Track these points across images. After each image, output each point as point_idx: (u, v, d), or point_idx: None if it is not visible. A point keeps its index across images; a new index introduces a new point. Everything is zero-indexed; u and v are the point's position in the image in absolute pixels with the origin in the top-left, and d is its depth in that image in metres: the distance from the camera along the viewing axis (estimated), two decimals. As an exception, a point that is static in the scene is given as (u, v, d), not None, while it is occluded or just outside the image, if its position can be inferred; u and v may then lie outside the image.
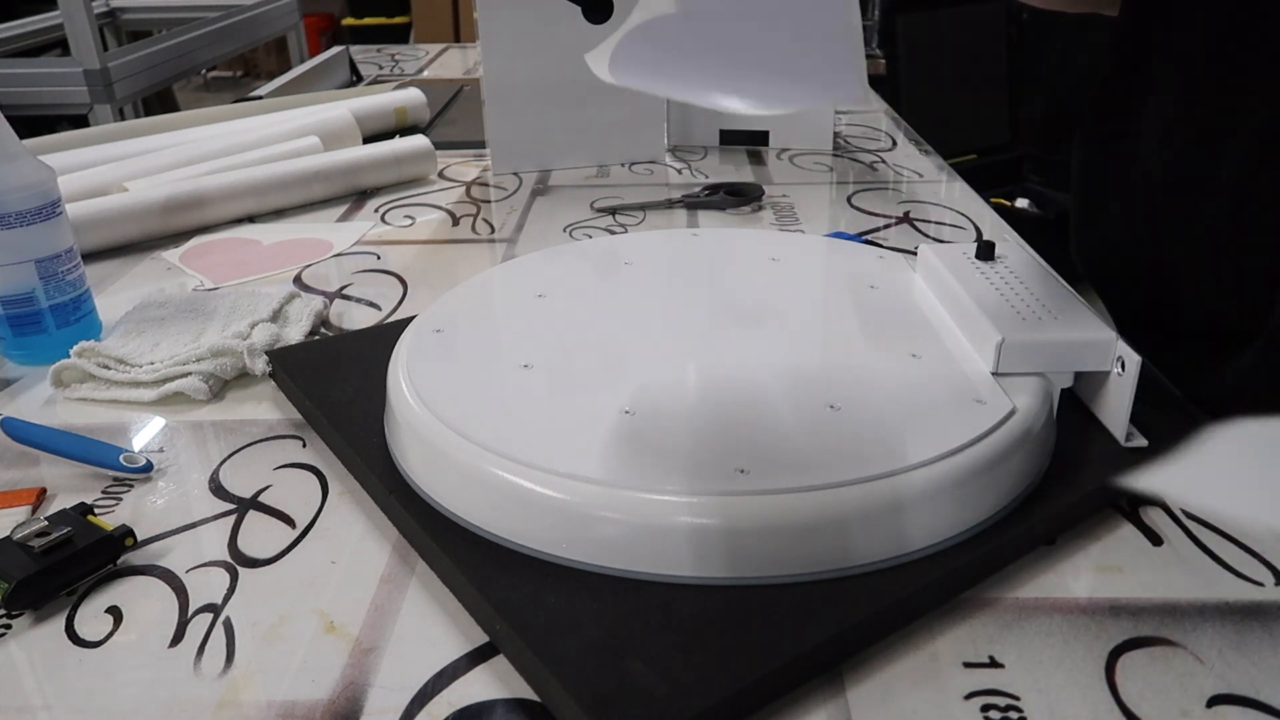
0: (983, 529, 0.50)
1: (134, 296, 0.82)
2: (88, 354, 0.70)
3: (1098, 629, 0.46)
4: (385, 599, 0.49)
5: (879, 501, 0.47)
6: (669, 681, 0.40)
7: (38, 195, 0.69)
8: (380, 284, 0.87)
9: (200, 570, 0.51)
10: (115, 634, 0.47)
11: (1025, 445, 0.52)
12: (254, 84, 2.89)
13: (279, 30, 2.44)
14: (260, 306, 0.78)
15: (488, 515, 0.50)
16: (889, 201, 1.06)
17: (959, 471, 0.49)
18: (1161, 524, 0.54)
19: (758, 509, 0.46)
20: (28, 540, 0.49)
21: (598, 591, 0.46)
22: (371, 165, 1.11)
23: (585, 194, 1.10)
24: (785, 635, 0.43)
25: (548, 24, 1.10)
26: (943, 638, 0.46)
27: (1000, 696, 0.43)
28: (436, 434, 0.53)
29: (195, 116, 1.25)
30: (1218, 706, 0.42)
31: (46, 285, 0.71)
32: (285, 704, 0.43)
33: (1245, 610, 0.47)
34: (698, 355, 0.60)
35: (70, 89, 1.71)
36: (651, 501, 0.47)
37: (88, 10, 1.66)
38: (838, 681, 0.44)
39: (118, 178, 1.01)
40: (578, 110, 1.16)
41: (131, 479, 0.59)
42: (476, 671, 0.45)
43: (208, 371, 0.68)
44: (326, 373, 0.66)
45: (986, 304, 0.59)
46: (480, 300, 0.70)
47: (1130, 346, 0.55)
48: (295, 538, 0.54)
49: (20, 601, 0.48)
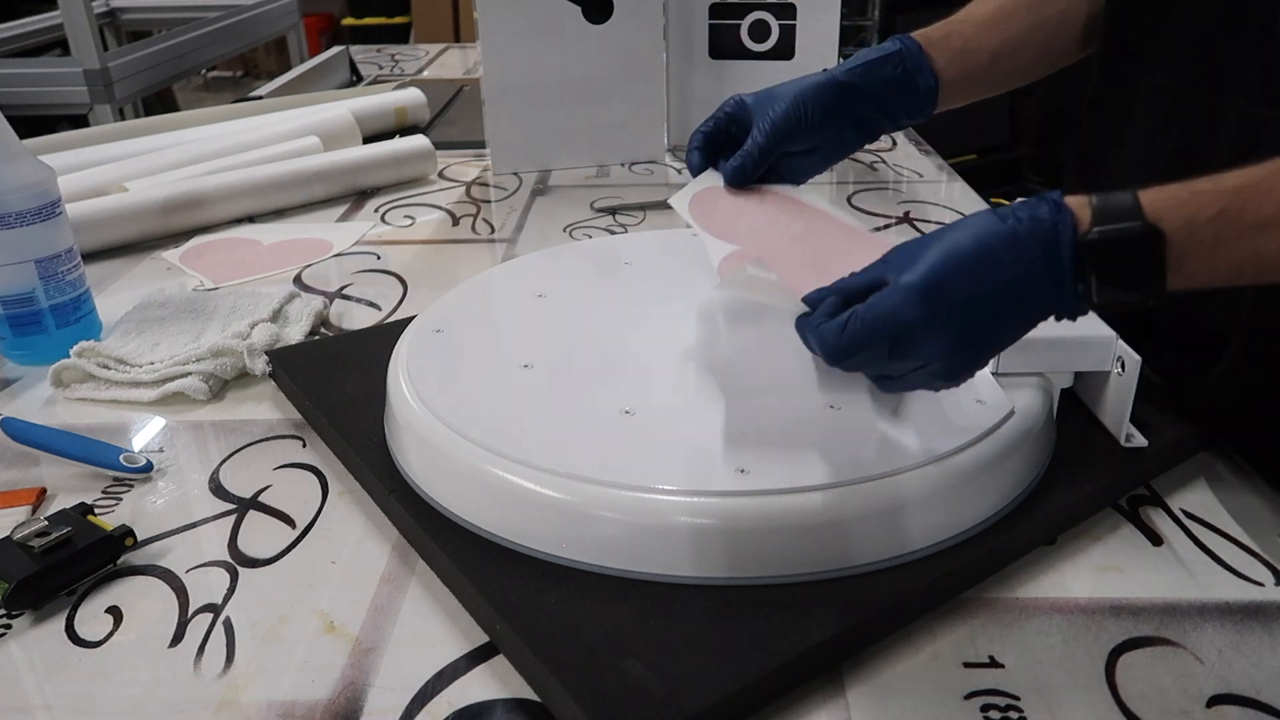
0: (983, 529, 0.50)
1: (134, 296, 0.82)
2: (88, 354, 0.70)
3: (1098, 629, 0.46)
4: (385, 599, 0.49)
5: (879, 501, 0.47)
6: (669, 681, 0.40)
7: (38, 195, 0.69)
8: (380, 284, 0.87)
9: (200, 570, 0.51)
10: (115, 634, 0.47)
11: (1025, 445, 0.52)
12: (254, 84, 2.88)
13: (279, 30, 2.44)
14: (260, 306, 0.78)
15: (488, 515, 0.50)
16: (889, 201, 1.06)
17: (959, 471, 0.49)
18: (1161, 524, 0.54)
19: (758, 509, 0.46)
20: (28, 540, 0.49)
21: (598, 591, 0.46)
22: (371, 165, 1.11)
23: (585, 194, 1.10)
24: (785, 635, 0.43)
25: (548, 24, 1.10)
26: (943, 638, 0.46)
27: (1000, 696, 0.43)
28: (436, 434, 0.53)
29: (195, 116, 1.25)
30: (1218, 706, 0.42)
31: (46, 285, 0.71)
32: (285, 704, 0.43)
33: (1245, 610, 0.47)
34: (697, 355, 0.60)
35: (70, 89, 1.71)
36: (651, 501, 0.47)
37: (88, 10, 1.66)
38: (838, 681, 0.44)
39: (118, 178, 1.01)
40: (578, 110, 1.16)
41: (131, 479, 0.59)
42: (476, 671, 0.45)
43: (208, 371, 0.68)
44: (326, 373, 0.66)
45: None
46: (480, 300, 0.70)
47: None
48: (295, 538, 0.54)
49: (20, 601, 0.48)
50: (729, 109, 0.64)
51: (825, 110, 0.62)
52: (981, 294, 0.43)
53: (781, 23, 1.17)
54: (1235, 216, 0.41)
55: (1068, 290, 0.43)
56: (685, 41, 1.19)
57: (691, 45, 1.19)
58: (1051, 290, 0.43)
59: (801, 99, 0.61)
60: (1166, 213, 0.42)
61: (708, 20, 1.18)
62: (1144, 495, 0.56)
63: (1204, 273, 0.42)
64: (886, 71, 0.63)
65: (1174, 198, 0.42)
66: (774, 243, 0.58)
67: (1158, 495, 0.56)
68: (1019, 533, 0.50)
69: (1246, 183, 0.41)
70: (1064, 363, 0.57)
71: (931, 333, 0.43)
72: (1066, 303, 0.44)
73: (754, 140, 0.62)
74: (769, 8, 1.16)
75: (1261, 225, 0.41)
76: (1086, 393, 0.60)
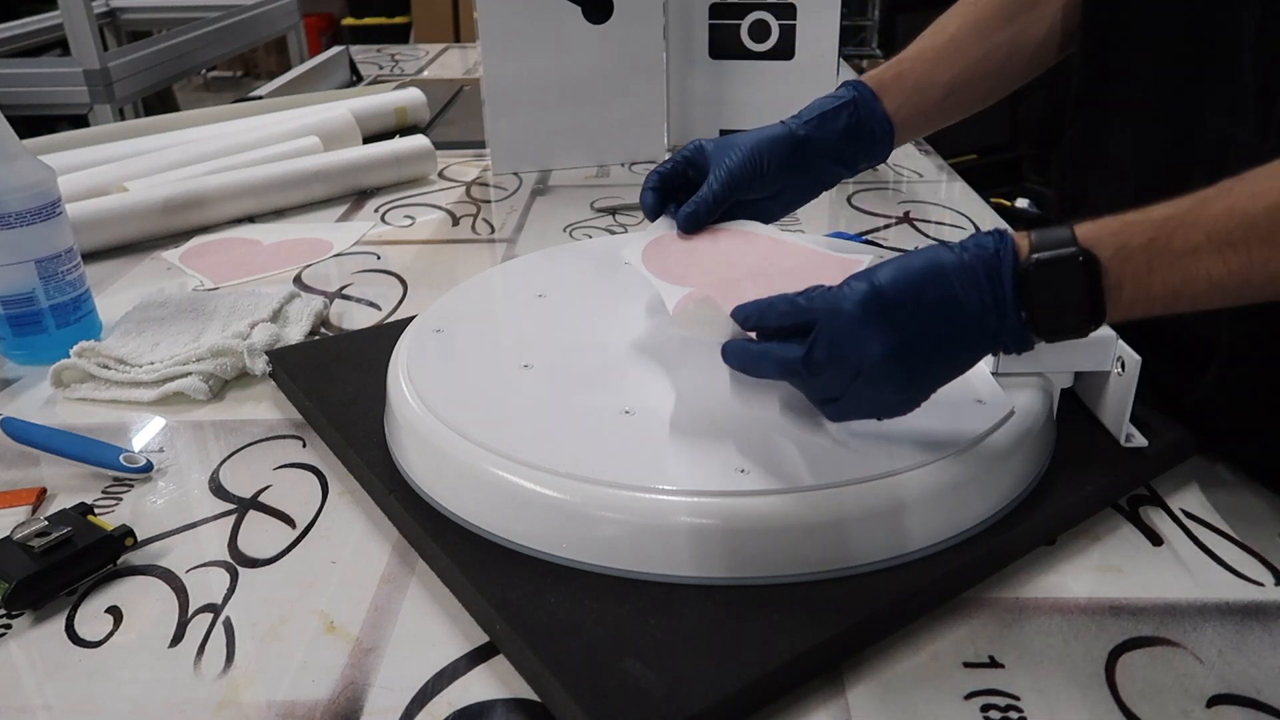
0: (983, 529, 0.50)
1: (134, 296, 0.82)
2: (88, 354, 0.70)
3: (1098, 629, 0.46)
4: (385, 599, 0.49)
5: (879, 501, 0.47)
6: (669, 681, 0.40)
7: (38, 195, 0.69)
8: (380, 284, 0.87)
9: (200, 570, 0.51)
10: (115, 634, 0.47)
11: (1025, 445, 0.52)
12: (254, 84, 2.88)
13: (279, 30, 2.44)
14: (260, 306, 0.78)
15: (488, 515, 0.50)
16: (889, 201, 1.06)
17: (959, 471, 0.49)
18: (1161, 524, 0.54)
19: (758, 509, 0.46)
20: (28, 540, 0.49)
21: (598, 591, 0.46)
22: (371, 165, 1.11)
23: (585, 194, 1.10)
24: (785, 635, 0.43)
25: (548, 24, 1.10)
26: (943, 638, 0.46)
27: (1000, 696, 0.43)
28: (436, 434, 0.53)
29: (195, 116, 1.25)
30: (1218, 706, 0.42)
31: (46, 285, 0.71)
32: (285, 704, 0.43)
33: (1245, 610, 0.47)
34: (698, 355, 0.60)
35: (70, 89, 1.71)
36: (651, 501, 0.47)
37: (88, 10, 1.66)
38: (838, 681, 0.44)
39: (118, 178, 1.01)
40: (578, 110, 1.16)
41: (131, 479, 0.59)
42: (476, 671, 0.45)
43: (208, 371, 0.68)
44: (326, 373, 0.66)
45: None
46: (480, 300, 0.70)
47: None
48: (295, 538, 0.54)
49: (20, 601, 0.48)
50: (687, 152, 0.67)
51: (780, 163, 0.64)
52: (924, 302, 0.45)
53: (781, 23, 1.17)
54: (1165, 244, 0.42)
55: (1010, 316, 0.44)
56: (685, 41, 1.19)
57: (691, 45, 1.19)
58: (994, 315, 0.44)
59: (758, 150, 0.63)
60: (1100, 240, 0.43)
61: (708, 20, 1.18)
62: (1144, 495, 0.56)
63: (1142, 300, 0.43)
64: (840, 123, 0.65)
65: (1106, 227, 0.44)
66: (728, 279, 0.59)
67: (1158, 495, 0.56)
68: (1019, 533, 0.50)
69: (1175, 212, 0.43)
70: (1064, 363, 0.57)
71: (869, 329, 0.44)
72: (1010, 330, 0.45)
73: (709, 187, 0.64)
74: (769, 8, 1.16)
75: (1191, 251, 0.42)
76: (1086, 393, 0.60)
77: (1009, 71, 0.69)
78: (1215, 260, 0.41)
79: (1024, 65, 0.69)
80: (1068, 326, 0.44)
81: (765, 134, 0.64)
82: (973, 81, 0.68)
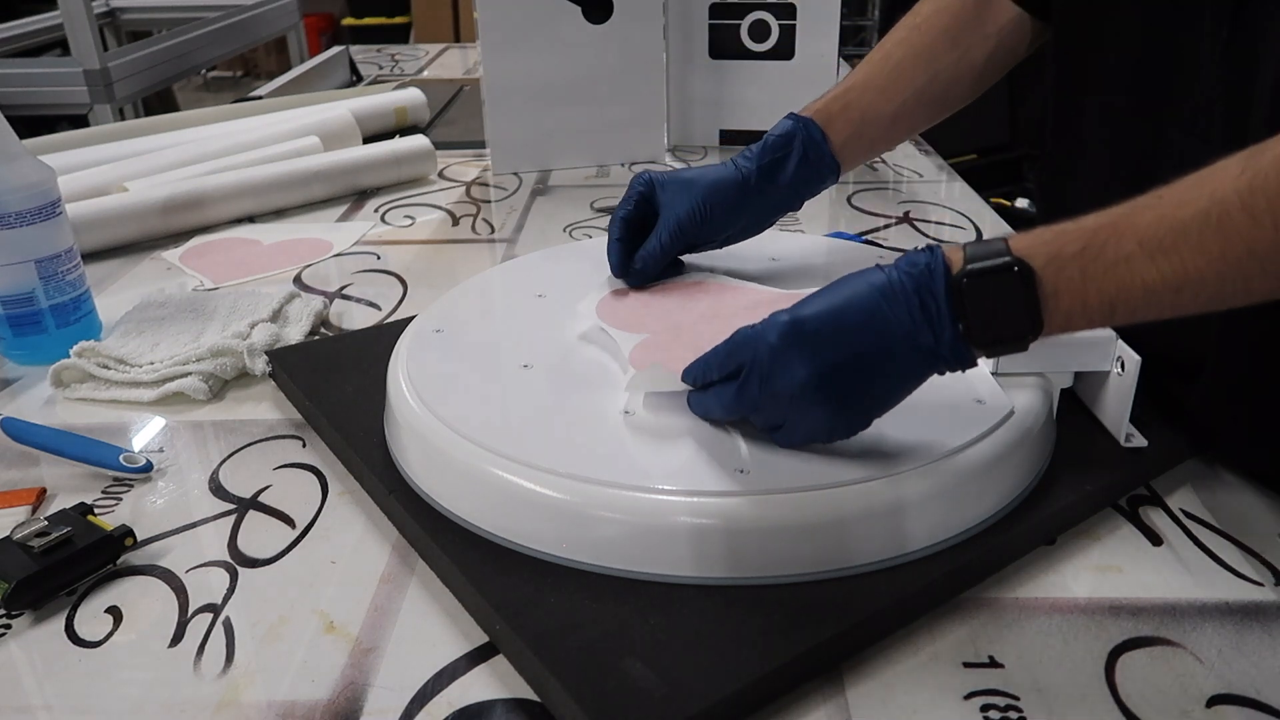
0: (983, 529, 0.50)
1: (134, 296, 0.82)
2: (88, 354, 0.70)
3: (1098, 629, 0.46)
4: (385, 599, 0.49)
5: (879, 501, 0.47)
6: (669, 681, 0.40)
7: (38, 195, 0.69)
8: (380, 284, 0.87)
9: (200, 570, 0.51)
10: (115, 634, 0.47)
11: (1025, 445, 0.52)
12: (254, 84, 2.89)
13: (279, 30, 2.44)
14: (260, 306, 0.78)
15: (487, 515, 0.50)
16: (889, 201, 1.06)
17: (959, 471, 0.49)
18: (1161, 524, 0.54)
19: (758, 509, 0.46)
20: (28, 540, 0.49)
21: (597, 591, 0.46)
22: (371, 165, 1.11)
23: (585, 194, 1.10)
24: (785, 635, 0.43)
25: (548, 24, 1.10)
26: (943, 638, 0.46)
27: (1000, 696, 0.43)
28: (436, 434, 0.53)
29: (195, 116, 1.25)
30: (1217, 706, 0.42)
31: (46, 285, 0.71)
32: (285, 704, 0.43)
33: (1245, 610, 0.47)
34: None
35: (70, 89, 1.71)
36: (651, 501, 0.47)
37: (88, 10, 1.66)
38: (838, 681, 0.44)
39: (118, 178, 1.01)
40: (578, 110, 1.16)
41: (131, 479, 0.59)
42: (476, 671, 0.45)
43: (208, 371, 0.68)
44: (326, 373, 0.66)
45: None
46: (480, 300, 0.70)
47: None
48: (295, 538, 0.54)
49: (20, 601, 0.48)
50: (641, 188, 0.68)
51: (728, 209, 0.66)
52: (845, 326, 0.45)
53: (781, 23, 1.17)
54: (1098, 253, 0.42)
55: (945, 330, 0.44)
56: (685, 41, 1.19)
57: (691, 45, 1.19)
58: (927, 331, 0.44)
59: (706, 200, 0.66)
60: (1033, 250, 0.43)
61: (708, 20, 1.18)
62: (1144, 495, 0.56)
63: (1080, 311, 0.43)
64: (789, 167, 0.66)
65: (1039, 238, 0.44)
66: (681, 323, 0.61)
67: (1158, 495, 0.56)
68: (1019, 533, 0.50)
69: (1107, 221, 0.43)
70: (1064, 362, 0.57)
71: (791, 357, 0.45)
72: (947, 344, 0.44)
73: (658, 240, 0.66)
74: (769, 8, 1.16)
75: (1124, 259, 0.41)
76: (1086, 393, 0.60)
77: (953, 94, 0.71)
78: (1149, 268, 0.41)
79: (967, 88, 0.71)
80: (1006, 337, 0.44)
81: (713, 179, 0.66)
82: (916, 110, 0.70)
